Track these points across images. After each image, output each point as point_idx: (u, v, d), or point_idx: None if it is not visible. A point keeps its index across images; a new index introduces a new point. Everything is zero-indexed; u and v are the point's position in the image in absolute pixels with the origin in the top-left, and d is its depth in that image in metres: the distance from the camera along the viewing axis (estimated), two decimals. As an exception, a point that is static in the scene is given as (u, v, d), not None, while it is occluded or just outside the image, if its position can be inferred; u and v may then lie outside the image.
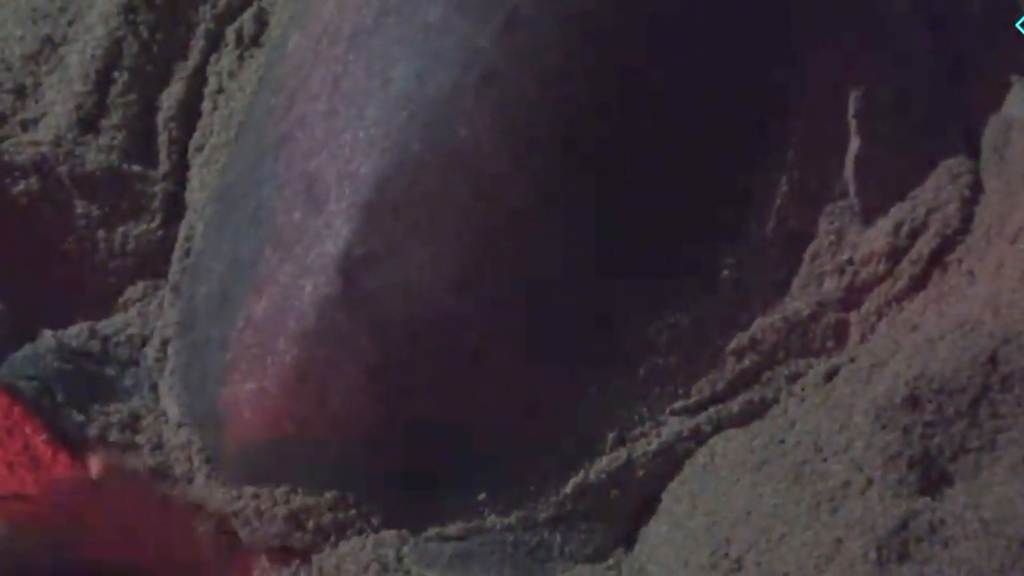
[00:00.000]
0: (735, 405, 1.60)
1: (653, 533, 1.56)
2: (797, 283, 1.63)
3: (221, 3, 1.89)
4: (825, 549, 1.43)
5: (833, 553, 1.43)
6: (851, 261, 1.63)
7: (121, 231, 1.78)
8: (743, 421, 1.59)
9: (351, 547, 1.55)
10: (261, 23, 1.89)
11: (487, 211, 1.57)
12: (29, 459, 1.63)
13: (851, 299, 1.63)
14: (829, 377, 1.59)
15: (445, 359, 1.57)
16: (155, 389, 1.68)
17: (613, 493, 1.58)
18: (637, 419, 1.58)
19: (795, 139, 1.64)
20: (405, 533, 1.55)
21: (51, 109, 1.84)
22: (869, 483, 1.46)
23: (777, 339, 1.62)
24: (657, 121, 1.60)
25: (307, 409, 1.58)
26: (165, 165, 1.82)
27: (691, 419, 1.59)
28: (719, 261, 1.61)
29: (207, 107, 1.85)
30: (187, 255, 1.75)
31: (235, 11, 1.90)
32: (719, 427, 1.59)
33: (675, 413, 1.59)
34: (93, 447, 1.61)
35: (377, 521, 1.56)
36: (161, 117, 1.84)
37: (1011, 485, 1.44)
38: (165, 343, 1.70)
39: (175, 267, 1.75)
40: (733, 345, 1.61)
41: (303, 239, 1.59)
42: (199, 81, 1.86)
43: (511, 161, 1.57)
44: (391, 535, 1.55)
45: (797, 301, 1.63)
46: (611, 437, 1.58)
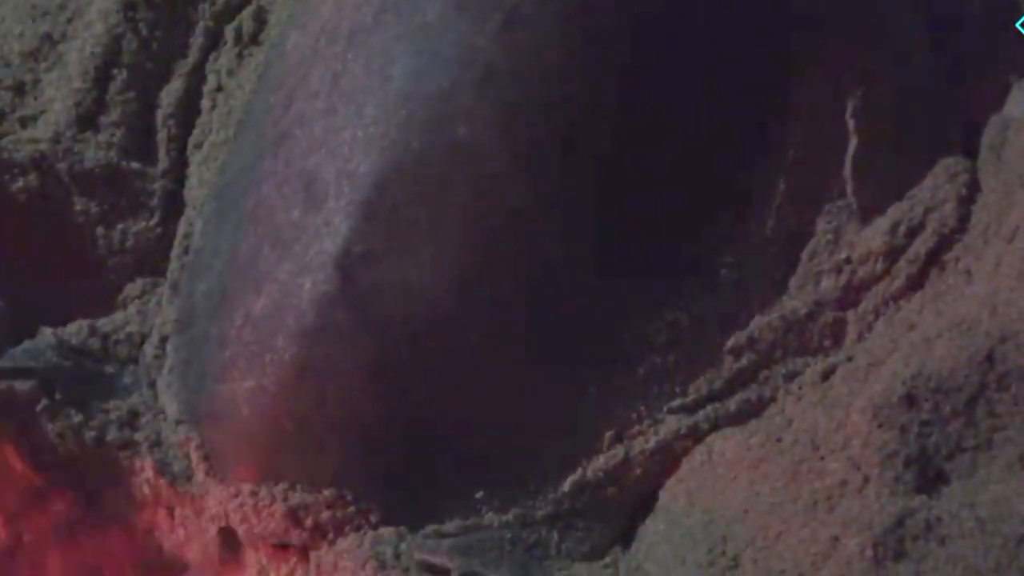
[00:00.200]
0: (733, 404, 1.60)
1: (650, 531, 1.56)
2: (795, 282, 1.64)
3: (220, 1, 1.88)
4: (822, 547, 1.43)
5: (830, 551, 1.43)
6: (849, 260, 1.63)
7: (120, 228, 1.78)
8: (741, 419, 1.59)
9: (349, 544, 1.55)
10: (260, 21, 1.89)
11: (486, 210, 1.57)
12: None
13: (848, 298, 1.63)
14: (826, 376, 1.59)
15: (444, 357, 1.57)
16: (154, 386, 1.69)
17: (611, 491, 1.58)
18: (635, 417, 1.59)
19: (794, 139, 1.64)
20: (403, 530, 1.55)
21: (50, 106, 1.83)
22: (866, 481, 1.47)
23: (775, 338, 1.62)
24: (656, 120, 1.60)
25: (305, 406, 1.58)
26: (164, 162, 1.82)
27: (689, 417, 1.59)
28: (718, 260, 1.61)
29: (206, 105, 1.85)
30: (186, 252, 1.75)
31: (234, 9, 1.90)
32: (717, 425, 1.59)
33: (673, 411, 1.59)
34: None
35: (375, 518, 1.56)
36: (160, 114, 1.84)
37: (1007, 484, 1.45)
38: (164, 340, 1.70)
39: (174, 264, 1.75)
40: (731, 344, 1.61)
41: (302, 237, 1.59)
42: (198, 79, 1.86)
43: (510, 160, 1.57)
44: (389, 532, 1.55)
45: (795, 300, 1.63)
46: (609, 435, 1.58)
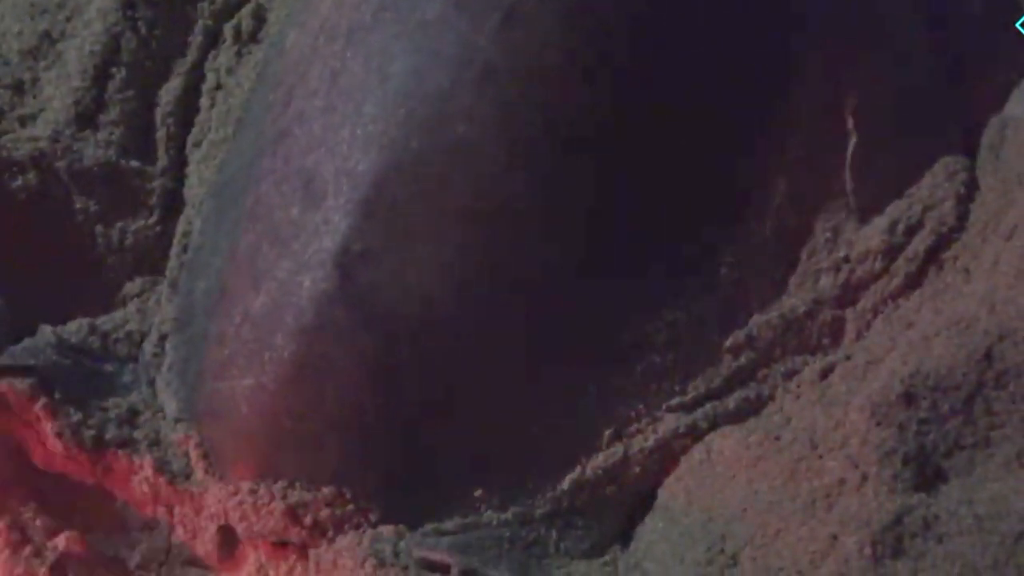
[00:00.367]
0: (731, 402, 1.60)
1: (649, 529, 1.56)
2: (794, 281, 1.64)
3: (219, -1, 1.89)
4: (820, 545, 1.44)
5: (828, 549, 1.43)
6: (847, 259, 1.64)
7: (119, 227, 1.78)
8: (739, 418, 1.59)
9: (348, 542, 1.55)
10: (259, 19, 1.89)
11: (485, 208, 1.57)
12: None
13: (847, 296, 1.63)
14: (825, 374, 1.60)
15: (442, 355, 1.57)
16: (153, 384, 1.69)
17: (609, 489, 1.58)
18: (634, 416, 1.59)
19: (794, 138, 1.64)
20: (402, 528, 1.55)
21: (49, 105, 1.83)
22: (864, 479, 1.47)
23: (773, 336, 1.62)
24: (656, 119, 1.60)
25: (304, 404, 1.58)
26: (163, 161, 1.82)
27: (688, 416, 1.59)
28: (717, 259, 1.61)
29: (205, 103, 1.85)
30: (185, 251, 1.75)
31: (233, 7, 1.90)
32: (715, 424, 1.59)
33: (672, 410, 1.59)
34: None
35: (374, 516, 1.56)
36: (159, 113, 1.84)
37: (1005, 481, 1.45)
38: (163, 338, 1.70)
39: (173, 263, 1.75)
40: (730, 342, 1.61)
41: (301, 235, 1.59)
42: (197, 77, 1.86)
43: (509, 158, 1.57)
44: (388, 530, 1.55)
45: (793, 298, 1.63)
46: (608, 433, 1.58)
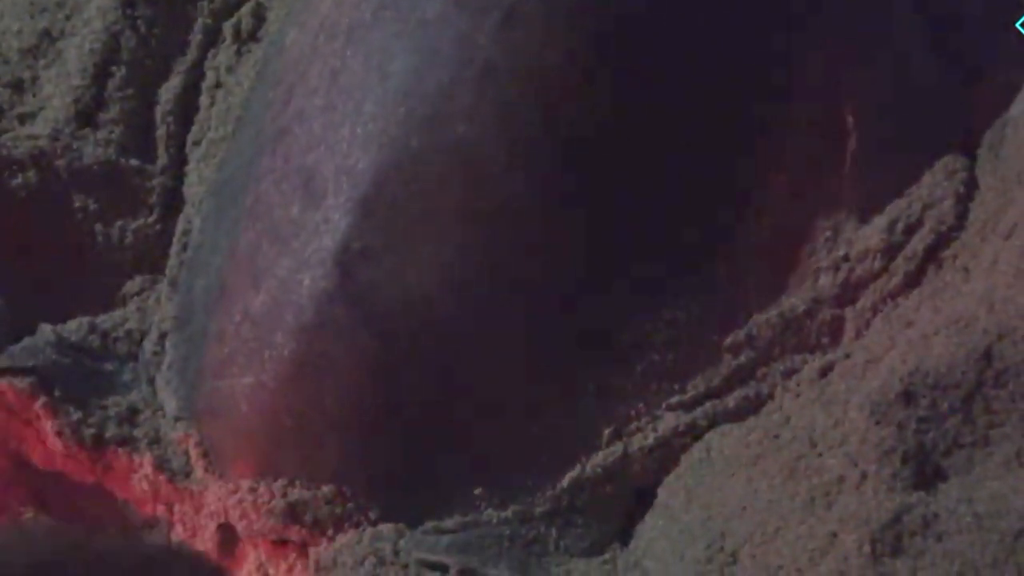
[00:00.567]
0: (731, 400, 1.60)
1: (649, 527, 1.56)
2: (793, 280, 1.64)
3: (219, -2, 1.90)
4: (819, 543, 1.44)
5: (827, 547, 1.43)
6: (847, 258, 1.64)
7: (119, 225, 1.78)
8: (739, 416, 1.59)
9: (348, 540, 1.55)
10: (259, 18, 1.89)
11: (484, 207, 1.57)
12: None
13: (846, 295, 1.63)
14: (824, 373, 1.60)
15: (442, 353, 1.57)
16: (153, 383, 1.69)
17: (609, 488, 1.58)
18: (633, 414, 1.59)
19: (793, 137, 1.64)
20: (402, 526, 1.55)
21: (49, 103, 1.83)
22: (863, 478, 1.47)
23: (773, 335, 1.62)
24: (655, 118, 1.60)
25: (304, 403, 1.58)
26: (163, 159, 1.82)
27: (687, 414, 1.59)
28: (717, 258, 1.61)
29: (205, 102, 1.85)
30: (185, 249, 1.75)
31: (233, 6, 1.90)
32: (715, 422, 1.59)
33: (671, 408, 1.59)
34: None
35: (374, 515, 1.56)
36: (159, 111, 1.84)
37: (1004, 480, 1.45)
38: (163, 337, 1.70)
39: (173, 261, 1.75)
40: (729, 341, 1.61)
41: (301, 233, 1.59)
42: (197, 76, 1.86)
43: (508, 157, 1.57)
44: (388, 528, 1.55)
45: (793, 297, 1.63)
46: (607, 432, 1.58)
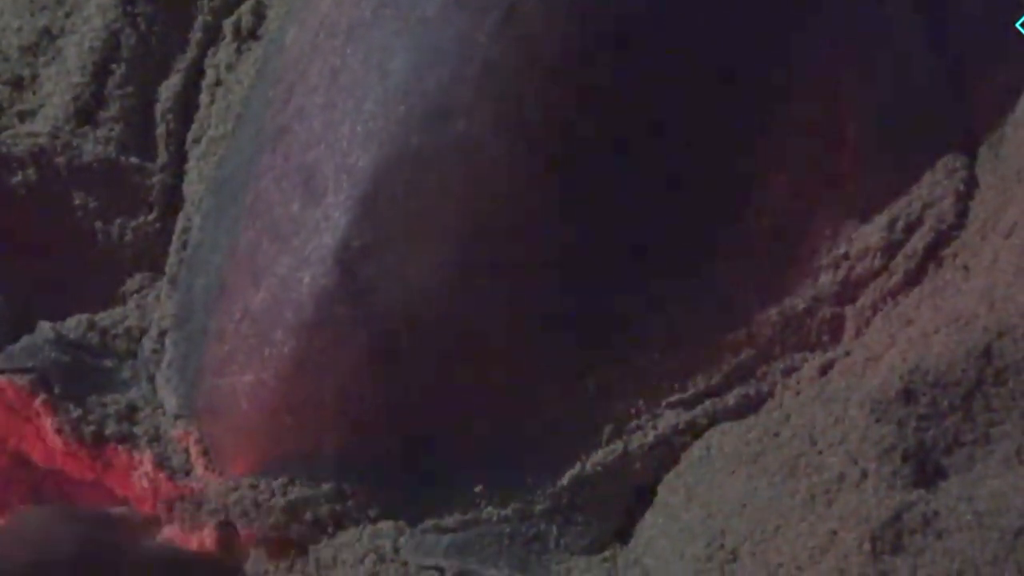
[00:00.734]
0: (731, 398, 1.60)
1: (649, 525, 1.56)
2: (793, 278, 1.64)
3: (219, -4, 1.90)
4: (820, 541, 1.44)
5: (828, 545, 1.43)
6: (847, 256, 1.64)
7: (119, 223, 1.78)
8: (739, 414, 1.59)
9: (348, 538, 1.55)
10: (259, 16, 1.89)
11: (485, 205, 1.57)
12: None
13: (846, 294, 1.63)
14: (824, 371, 1.60)
15: (442, 351, 1.57)
16: (152, 381, 1.69)
17: (609, 486, 1.58)
18: (634, 412, 1.59)
19: (793, 136, 1.64)
20: (402, 524, 1.55)
21: (49, 101, 1.84)
22: (864, 476, 1.47)
23: (773, 333, 1.62)
24: (656, 115, 1.60)
25: (304, 400, 1.58)
26: (163, 157, 1.82)
27: (687, 412, 1.59)
28: (717, 257, 1.61)
29: (205, 99, 1.85)
30: (184, 247, 1.75)
31: (233, 4, 1.90)
32: (715, 420, 1.59)
33: (671, 406, 1.59)
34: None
35: (374, 513, 1.56)
36: (159, 109, 1.84)
37: (1004, 478, 1.45)
38: (163, 335, 1.70)
39: (173, 259, 1.76)
40: (729, 339, 1.61)
41: (301, 231, 1.59)
42: (197, 74, 1.86)
43: (509, 155, 1.57)
44: (388, 526, 1.55)
45: (793, 296, 1.63)
46: (608, 430, 1.58)
